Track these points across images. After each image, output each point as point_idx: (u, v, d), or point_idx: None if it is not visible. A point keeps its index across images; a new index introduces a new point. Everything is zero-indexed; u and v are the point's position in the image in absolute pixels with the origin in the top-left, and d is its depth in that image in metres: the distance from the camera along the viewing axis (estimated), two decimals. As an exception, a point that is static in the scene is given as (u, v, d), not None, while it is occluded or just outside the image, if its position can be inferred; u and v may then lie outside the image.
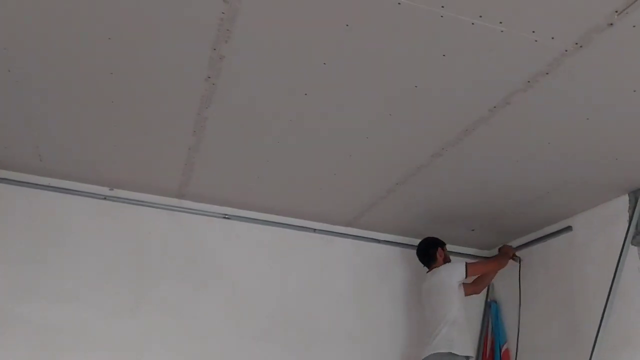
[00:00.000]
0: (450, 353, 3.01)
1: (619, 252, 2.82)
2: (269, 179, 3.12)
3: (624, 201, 2.93)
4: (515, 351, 3.44)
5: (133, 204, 3.35)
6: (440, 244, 3.40)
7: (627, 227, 2.85)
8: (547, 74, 1.98)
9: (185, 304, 3.28)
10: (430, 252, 3.36)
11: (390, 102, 2.25)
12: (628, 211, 2.89)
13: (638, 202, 2.81)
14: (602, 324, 2.66)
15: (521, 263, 3.52)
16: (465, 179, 2.94)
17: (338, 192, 3.24)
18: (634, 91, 2.05)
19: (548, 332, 3.30)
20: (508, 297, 3.70)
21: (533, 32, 1.79)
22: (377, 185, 3.08)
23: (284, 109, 2.37)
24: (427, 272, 3.36)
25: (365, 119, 2.40)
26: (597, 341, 2.65)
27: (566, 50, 1.86)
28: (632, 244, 2.78)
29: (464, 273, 3.18)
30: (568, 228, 3.27)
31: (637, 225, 2.80)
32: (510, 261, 3.48)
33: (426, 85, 2.11)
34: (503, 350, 3.59)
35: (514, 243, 3.67)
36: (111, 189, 3.33)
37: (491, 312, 3.76)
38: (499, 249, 3.59)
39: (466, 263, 3.25)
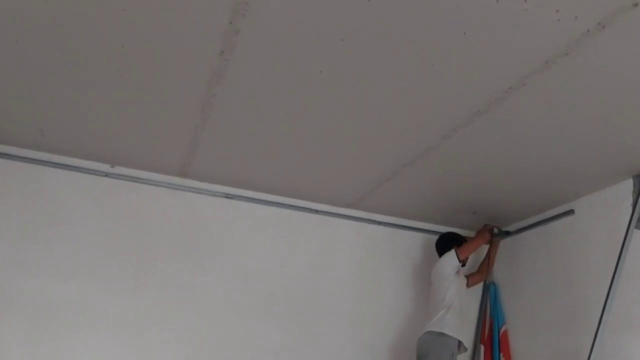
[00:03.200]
0: (442, 333, 3.15)
1: (621, 236, 2.83)
2: (275, 159, 3.09)
3: (628, 185, 2.94)
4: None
5: (134, 181, 3.31)
6: (459, 242, 3.48)
7: (630, 211, 2.86)
8: (566, 54, 1.96)
9: (186, 283, 3.27)
10: (446, 247, 3.44)
11: (406, 81, 2.22)
12: (632, 195, 2.90)
13: (643, 186, 2.83)
14: (606, 307, 2.68)
15: (520, 244, 3.60)
16: (471, 161, 2.93)
17: (343, 174, 3.23)
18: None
19: (547, 314, 3.33)
20: (507, 279, 3.73)
21: (557, 11, 1.77)
22: (384, 166, 3.07)
23: (297, 87, 2.33)
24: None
25: (378, 99, 2.37)
26: (601, 324, 2.67)
27: (588, 31, 1.84)
28: (637, 228, 2.79)
29: (456, 258, 3.33)
30: (570, 211, 3.29)
31: (641, 209, 2.81)
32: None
33: (444, 64, 2.08)
34: (502, 331, 3.62)
35: (515, 226, 3.69)
36: (112, 166, 3.29)
37: (490, 294, 3.79)
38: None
39: (454, 248, 3.37)
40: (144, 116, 2.69)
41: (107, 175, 3.25)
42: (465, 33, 1.91)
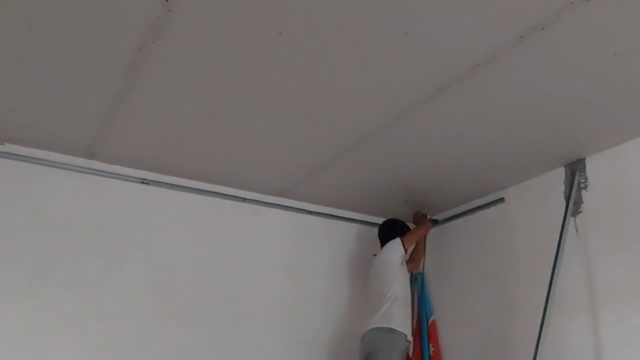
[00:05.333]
0: (390, 328, 2.99)
1: (552, 225, 2.86)
2: (200, 141, 2.77)
3: (559, 174, 2.99)
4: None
5: (30, 162, 2.79)
6: (404, 229, 3.36)
7: (562, 199, 2.91)
8: (542, 29, 1.88)
9: (94, 281, 2.83)
10: (391, 235, 3.28)
11: (372, 51, 2.01)
12: (564, 183, 2.95)
13: (576, 175, 2.88)
14: (550, 294, 2.68)
15: (448, 233, 3.61)
16: (414, 145, 2.81)
17: (278, 158, 2.99)
18: (615, 55, 2.03)
19: (477, 304, 3.33)
20: (435, 269, 3.69)
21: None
22: (326, 150, 2.85)
23: (243, 50, 2.03)
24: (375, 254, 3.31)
25: (337, 70, 2.14)
26: (547, 311, 2.66)
27: (571, 3, 1.77)
28: (572, 216, 2.84)
29: (402, 247, 3.20)
30: (500, 200, 3.31)
31: (574, 198, 2.86)
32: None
33: (418, 32, 1.90)
34: (430, 322, 3.57)
35: (444, 215, 3.67)
36: (2, 143, 2.74)
37: (417, 284, 3.73)
38: (414, 217, 3.57)
39: (399, 237, 3.24)
40: (52, 80, 2.24)
41: (-7, 154, 2.70)
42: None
